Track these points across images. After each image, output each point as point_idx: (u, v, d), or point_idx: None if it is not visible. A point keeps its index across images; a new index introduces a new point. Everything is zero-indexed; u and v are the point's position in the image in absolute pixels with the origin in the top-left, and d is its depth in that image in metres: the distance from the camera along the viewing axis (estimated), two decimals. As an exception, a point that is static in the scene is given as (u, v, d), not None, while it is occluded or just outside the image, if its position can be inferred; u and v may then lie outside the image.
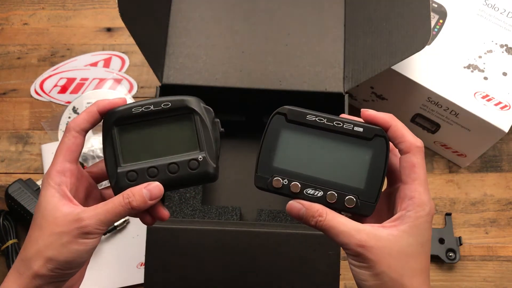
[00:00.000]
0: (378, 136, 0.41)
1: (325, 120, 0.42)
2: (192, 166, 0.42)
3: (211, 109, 0.44)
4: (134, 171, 0.42)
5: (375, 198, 0.41)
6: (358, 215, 0.42)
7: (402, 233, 0.39)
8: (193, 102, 0.43)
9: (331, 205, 0.41)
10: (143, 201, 0.40)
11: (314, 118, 0.42)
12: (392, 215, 0.41)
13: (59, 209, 0.40)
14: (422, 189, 0.40)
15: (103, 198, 0.47)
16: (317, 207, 0.40)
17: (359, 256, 0.39)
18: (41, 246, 0.39)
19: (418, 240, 0.39)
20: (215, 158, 0.43)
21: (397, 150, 0.42)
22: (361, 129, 0.41)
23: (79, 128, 0.42)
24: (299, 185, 0.41)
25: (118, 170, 0.42)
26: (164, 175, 0.42)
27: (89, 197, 0.45)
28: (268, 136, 0.42)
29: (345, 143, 0.41)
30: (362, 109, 0.42)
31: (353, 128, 0.41)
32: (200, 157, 0.42)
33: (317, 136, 0.42)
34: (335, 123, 0.41)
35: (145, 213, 0.43)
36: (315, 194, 0.41)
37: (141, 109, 0.43)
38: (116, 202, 0.40)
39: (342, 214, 0.42)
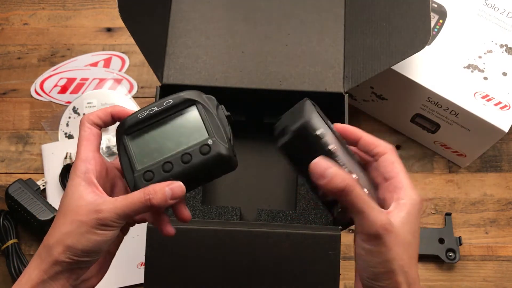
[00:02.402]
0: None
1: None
2: (204, 151, 0.41)
3: (213, 97, 0.44)
4: (150, 171, 0.42)
5: (227, 140, 0.42)
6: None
7: (403, 220, 0.40)
8: (192, 93, 0.43)
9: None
10: (164, 199, 0.40)
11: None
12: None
13: (83, 197, 0.40)
14: (407, 180, 0.41)
15: (127, 191, 0.47)
16: (348, 175, 0.39)
17: (378, 239, 0.38)
18: (62, 233, 0.40)
19: (413, 228, 0.40)
20: (226, 141, 0.42)
21: (371, 158, 0.44)
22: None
23: (91, 122, 0.44)
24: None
25: (135, 175, 0.42)
26: (179, 166, 0.41)
27: (114, 187, 0.46)
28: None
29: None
30: (335, 124, 0.45)
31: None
32: (210, 141, 0.41)
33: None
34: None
35: (163, 219, 0.44)
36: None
37: (146, 113, 0.43)
38: (135, 197, 0.40)
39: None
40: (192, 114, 0.43)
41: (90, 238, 0.39)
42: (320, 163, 0.39)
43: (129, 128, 0.43)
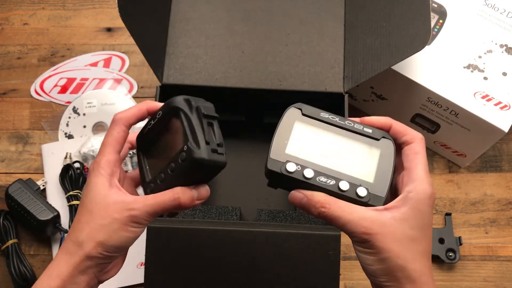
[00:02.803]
0: (385, 138, 0.44)
1: (337, 119, 0.44)
2: (182, 158, 0.41)
3: (196, 98, 0.43)
4: (151, 182, 0.45)
5: (385, 192, 0.42)
6: (368, 206, 0.42)
7: (404, 215, 0.40)
8: (176, 100, 0.43)
9: (343, 193, 0.41)
10: (191, 199, 0.42)
11: (327, 116, 0.44)
12: (393, 200, 0.42)
13: (110, 196, 0.42)
14: (424, 174, 0.41)
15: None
16: (319, 198, 0.41)
17: (365, 243, 0.39)
18: (92, 230, 0.41)
19: (419, 223, 0.40)
20: (200, 144, 0.41)
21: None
22: (370, 130, 0.44)
23: (127, 122, 0.45)
24: (313, 172, 0.41)
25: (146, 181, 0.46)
26: (169, 176, 0.42)
27: (135, 189, 0.49)
28: (282, 125, 0.43)
29: (355, 140, 0.44)
30: (361, 118, 0.45)
31: (363, 128, 0.44)
32: (185, 147, 0.41)
33: (329, 131, 0.44)
34: (347, 122, 0.44)
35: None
36: (328, 182, 0.41)
37: (147, 128, 0.45)
38: (166, 197, 0.42)
39: None
40: (176, 123, 0.43)
41: (122, 234, 0.41)
42: (294, 197, 0.42)
43: (140, 144, 0.46)
